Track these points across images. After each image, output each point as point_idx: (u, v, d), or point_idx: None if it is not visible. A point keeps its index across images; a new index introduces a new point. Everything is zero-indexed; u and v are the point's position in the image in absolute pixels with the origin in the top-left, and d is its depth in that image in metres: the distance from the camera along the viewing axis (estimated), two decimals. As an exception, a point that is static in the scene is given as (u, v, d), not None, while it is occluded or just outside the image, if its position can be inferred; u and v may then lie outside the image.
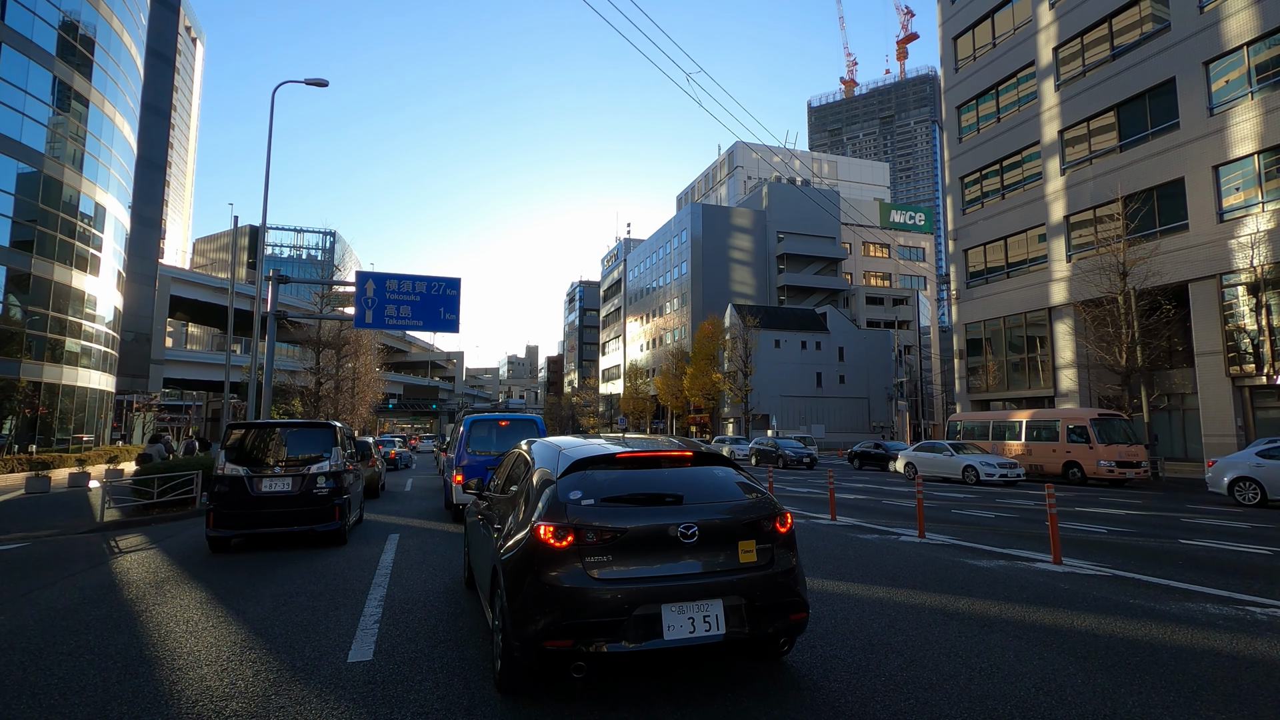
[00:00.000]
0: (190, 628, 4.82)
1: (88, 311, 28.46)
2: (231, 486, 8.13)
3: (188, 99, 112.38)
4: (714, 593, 3.29)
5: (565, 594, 3.19)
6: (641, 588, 3.22)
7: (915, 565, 6.91)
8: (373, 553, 7.86)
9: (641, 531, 3.34)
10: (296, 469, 8.47)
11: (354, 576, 6.52)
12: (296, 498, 8.30)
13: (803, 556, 7.33)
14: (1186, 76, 22.03)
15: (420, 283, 21.34)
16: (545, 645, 3.18)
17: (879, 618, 4.92)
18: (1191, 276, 21.29)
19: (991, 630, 4.60)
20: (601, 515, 3.37)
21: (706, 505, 3.55)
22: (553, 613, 3.17)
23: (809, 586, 4.62)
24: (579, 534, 3.29)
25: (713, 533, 3.41)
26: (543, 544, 3.30)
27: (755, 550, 3.47)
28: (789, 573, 3.52)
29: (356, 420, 36.56)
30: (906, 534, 9.06)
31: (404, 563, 7.21)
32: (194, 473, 12.29)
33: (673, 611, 3.21)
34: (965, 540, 8.47)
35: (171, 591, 6.01)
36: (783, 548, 3.59)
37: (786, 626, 3.45)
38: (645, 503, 3.50)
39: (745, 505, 3.62)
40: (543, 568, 3.27)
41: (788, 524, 3.65)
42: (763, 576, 3.41)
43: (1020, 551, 7.70)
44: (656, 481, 3.69)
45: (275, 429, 8.97)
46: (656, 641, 3.16)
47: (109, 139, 29.23)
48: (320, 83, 18.58)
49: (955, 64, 32.29)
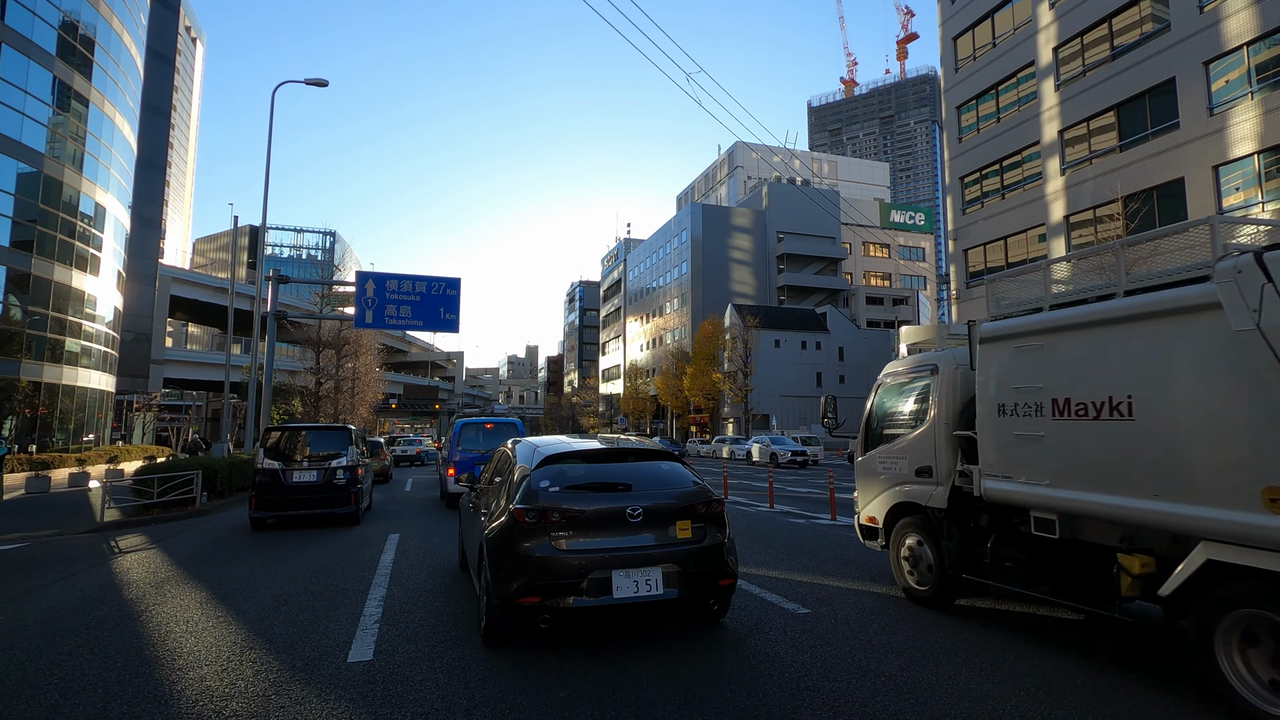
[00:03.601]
0: (190, 628, 4.82)
1: (88, 312, 28.44)
2: (269, 477, 9.96)
3: (188, 99, 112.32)
4: (654, 561, 4.05)
5: (535, 561, 3.97)
6: (596, 556, 3.98)
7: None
8: (372, 553, 7.86)
9: (597, 513, 4.13)
10: (320, 463, 10.31)
11: (354, 576, 6.52)
12: (320, 487, 10.14)
13: (800, 556, 7.33)
14: (1186, 76, 22.04)
15: (420, 283, 21.36)
16: (519, 601, 3.95)
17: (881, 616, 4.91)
18: (1191, 276, 21.26)
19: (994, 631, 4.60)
20: (565, 500, 4.15)
21: (652, 492, 4.33)
22: (525, 575, 3.95)
23: (807, 583, 4.64)
24: (547, 515, 4.06)
25: (655, 514, 4.18)
26: (518, 522, 4.08)
27: (690, 528, 4.23)
28: (718, 547, 4.27)
29: (357, 420, 36.57)
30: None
31: (404, 563, 7.21)
32: (194, 473, 12.28)
33: (621, 575, 3.95)
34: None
35: (171, 591, 6.00)
36: (714, 527, 4.33)
37: (715, 590, 4.23)
38: (601, 490, 4.31)
39: (684, 493, 4.40)
40: (518, 541, 4.05)
41: (719, 508, 4.40)
42: (696, 549, 4.17)
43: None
44: (612, 473, 4.50)
45: (302, 431, 10.79)
46: (606, 598, 3.91)
47: (109, 139, 29.21)
48: (320, 83, 18.57)
49: (955, 64, 32.30)
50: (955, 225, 31.73)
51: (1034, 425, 4.26)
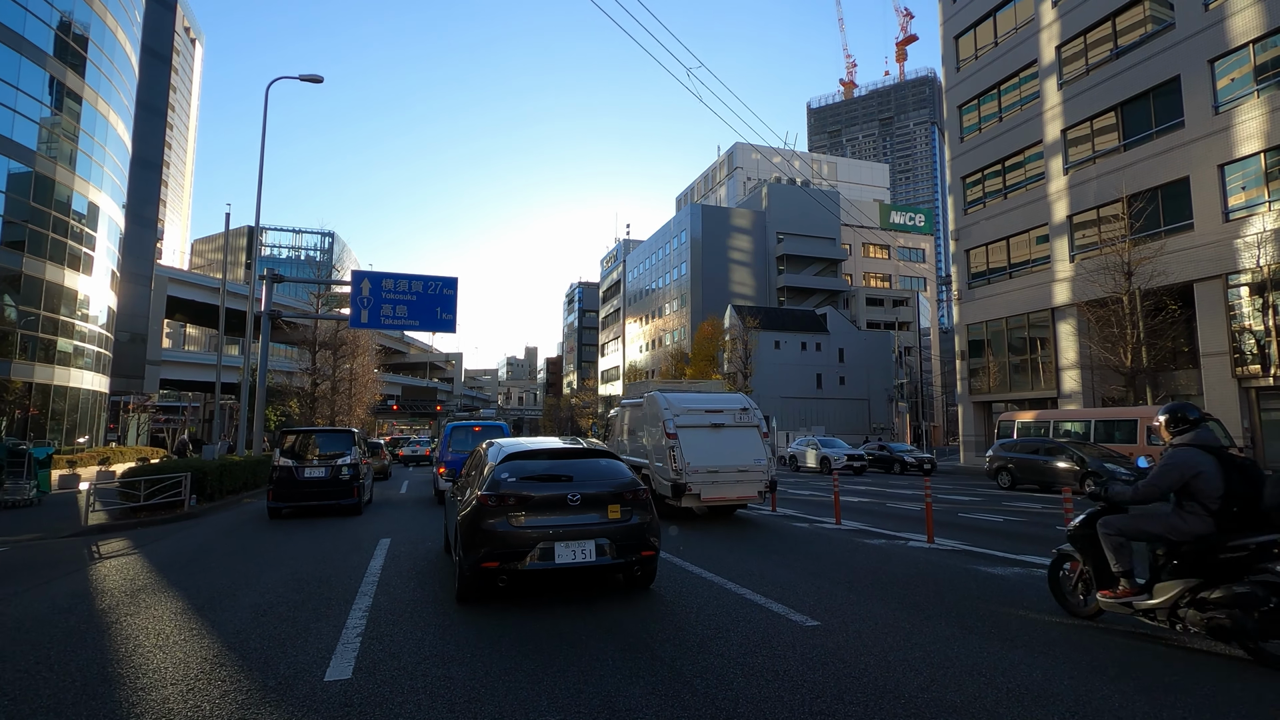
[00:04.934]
0: (160, 641, 4.53)
1: (81, 312, 28.10)
2: (284, 473, 11.55)
3: (186, 99, 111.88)
4: (589, 536, 5.15)
5: (496, 535, 5.05)
6: (543, 531, 5.08)
7: (928, 574, 6.64)
8: (361, 559, 7.57)
9: (544, 498, 5.25)
10: (327, 461, 11.90)
11: (340, 584, 6.23)
12: (328, 481, 11.73)
13: (808, 563, 7.06)
14: (1191, 74, 21.80)
15: (416, 282, 21.05)
16: (482, 566, 5.04)
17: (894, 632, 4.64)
18: (1197, 276, 21.03)
19: (1015, 649, 4.32)
20: (520, 488, 5.28)
21: (589, 482, 5.43)
22: (488, 545, 5.04)
23: (818, 594, 4.37)
24: (505, 499, 5.18)
25: (590, 499, 5.28)
26: (483, 505, 5.18)
27: (620, 511, 5.34)
28: (642, 525, 5.39)
29: (354, 421, 36.26)
30: (915, 539, 8.78)
31: (393, 569, 6.92)
32: (182, 475, 11.99)
33: (562, 546, 5.06)
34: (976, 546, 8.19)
35: (146, 601, 5.71)
36: (640, 510, 5.46)
37: (639, 559, 5.36)
38: (549, 480, 5.41)
39: (617, 483, 5.52)
40: (483, 519, 5.12)
41: (644, 495, 5.57)
42: (622, 527, 5.29)
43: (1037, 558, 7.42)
44: (559, 468, 5.60)
45: (312, 434, 12.46)
46: (550, 563, 5.03)
47: (103, 137, 28.88)
48: (315, 79, 18.31)
49: (957, 63, 32.07)
50: (957, 225, 31.48)
51: (623, 432, 12.87)
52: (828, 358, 55.12)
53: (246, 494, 15.58)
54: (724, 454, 10.18)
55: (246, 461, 16.02)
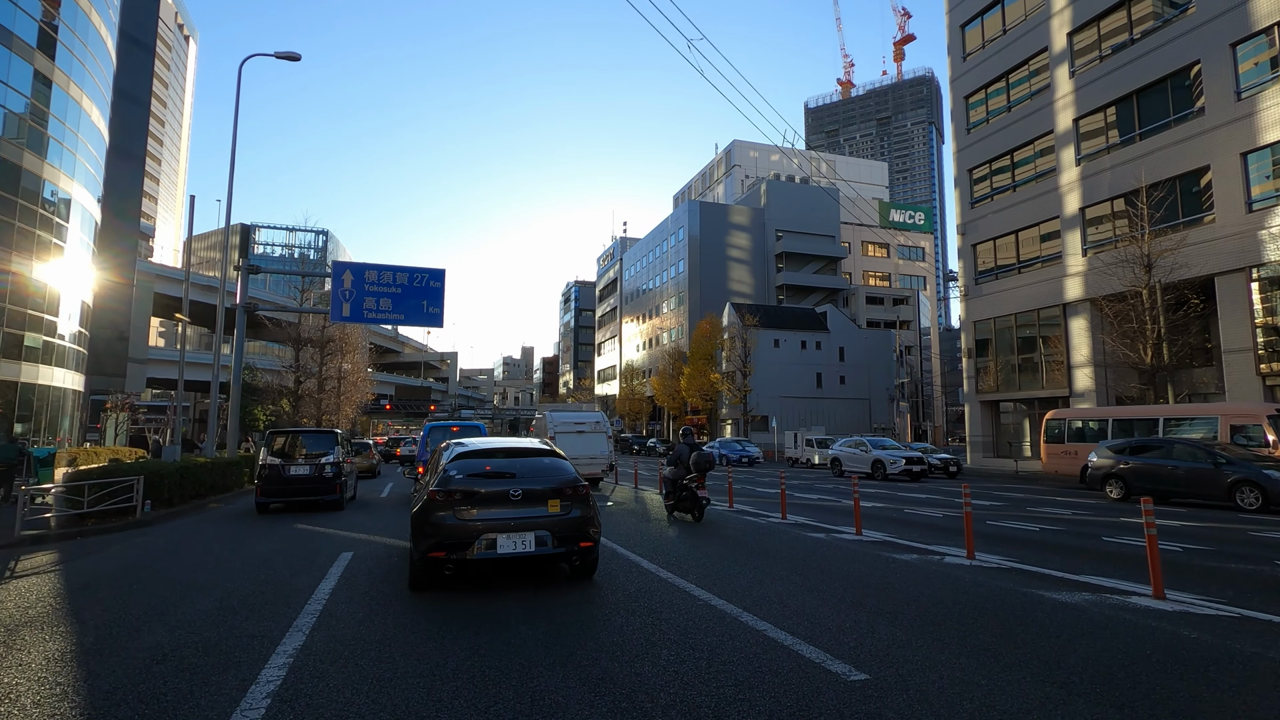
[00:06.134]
0: (12, 704, 3.48)
1: (50, 305, 26.85)
2: (272, 471, 12.27)
3: (180, 96, 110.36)
4: (529, 528, 5.51)
5: (443, 527, 5.43)
6: (487, 523, 5.46)
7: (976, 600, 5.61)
8: (311, 578, 6.49)
9: (488, 493, 5.60)
10: (312, 460, 12.60)
11: (273, 615, 5.18)
12: (312, 478, 12.43)
13: (835, 586, 6.04)
14: (1212, 59, 20.87)
15: (401, 274, 20.01)
16: (429, 555, 5.42)
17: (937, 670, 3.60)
18: (1218, 270, 20.11)
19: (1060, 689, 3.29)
20: (467, 484, 5.66)
21: (531, 479, 5.80)
22: (435, 536, 5.42)
23: (856, 631, 3.34)
24: (452, 495, 5.55)
25: (531, 495, 5.63)
26: (433, 500, 5.56)
27: (559, 505, 5.68)
28: (580, 519, 5.72)
29: (342, 421, 35.22)
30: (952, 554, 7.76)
31: (343, 595, 5.86)
32: (134, 478, 10.90)
33: (504, 537, 5.42)
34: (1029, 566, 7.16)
35: (28, 639, 4.65)
36: (579, 504, 5.77)
37: (576, 550, 5.69)
38: (494, 478, 5.77)
39: (557, 480, 5.87)
40: (433, 512, 5.50)
41: (584, 491, 5.86)
42: (561, 520, 5.63)
43: (1110, 581, 6.40)
44: (505, 466, 5.97)
45: (299, 435, 13.33)
46: (492, 553, 5.39)
47: (75, 123, 27.59)
48: (292, 56, 17.25)
49: (963, 53, 31.12)
50: (964, 219, 30.51)
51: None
52: (828, 357, 54.18)
53: (214, 498, 14.49)
54: (583, 447, 16.94)
55: (215, 463, 14.91)
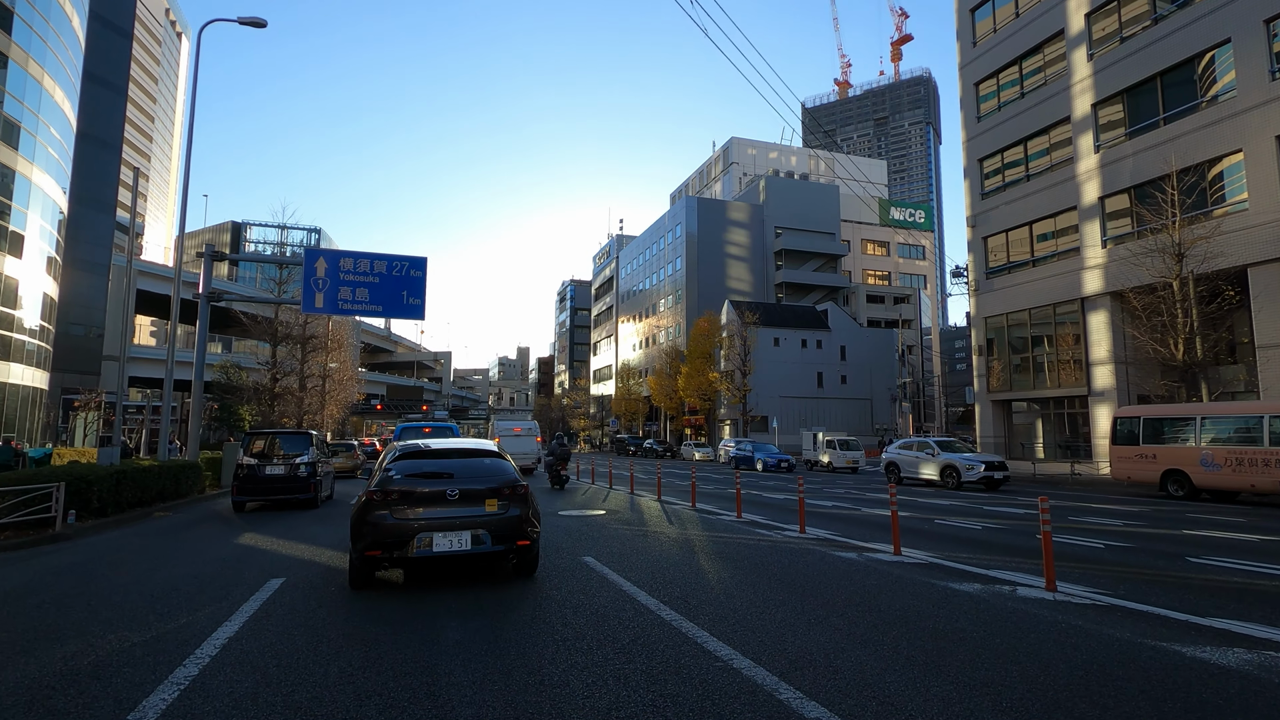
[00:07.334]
0: None
1: (6, 297, 25.27)
2: (249, 470, 12.72)
3: (171, 93, 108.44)
4: (465, 527, 5.82)
5: (381, 526, 5.68)
6: (424, 522, 5.75)
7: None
8: (212, 616, 5.12)
9: (426, 493, 5.91)
10: (287, 460, 13.01)
11: (125, 683, 3.80)
12: (287, 478, 12.84)
13: (894, 637, 4.66)
14: (1244, 37, 19.67)
15: (379, 262, 18.64)
16: (366, 554, 5.69)
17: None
18: (1252, 260, 18.91)
19: None
20: (405, 484, 5.97)
21: (469, 479, 6.12)
22: (372, 535, 5.68)
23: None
24: (390, 494, 5.84)
25: (468, 494, 5.97)
26: (371, 499, 5.84)
27: (498, 504, 6.01)
28: (517, 518, 6.01)
29: (327, 421, 33.76)
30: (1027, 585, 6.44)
31: (247, 644, 4.48)
32: (53, 485, 9.49)
33: (440, 536, 5.72)
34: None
35: None
36: (516, 504, 6.07)
37: (513, 548, 6.00)
38: (432, 478, 6.08)
39: (496, 480, 6.18)
40: (371, 511, 5.77)
41: (522, 490, 6.16)
42: (498, 519, 5.94)
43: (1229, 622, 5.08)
44: (444, 466, 6.26)
45: (276, 436, 13.64)
46: (428, 551, 5.66)
47: (35, 104, 25.98)
48: (257, 23, 15.85)
49: (973, 38, 29.90)
50: (974, 211, 29.25)
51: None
52: (829, 356, 52.95)
53: (161, 506, 13.05)
54: (518, 446, 23.13)
55: (164, 467, 13.46)
